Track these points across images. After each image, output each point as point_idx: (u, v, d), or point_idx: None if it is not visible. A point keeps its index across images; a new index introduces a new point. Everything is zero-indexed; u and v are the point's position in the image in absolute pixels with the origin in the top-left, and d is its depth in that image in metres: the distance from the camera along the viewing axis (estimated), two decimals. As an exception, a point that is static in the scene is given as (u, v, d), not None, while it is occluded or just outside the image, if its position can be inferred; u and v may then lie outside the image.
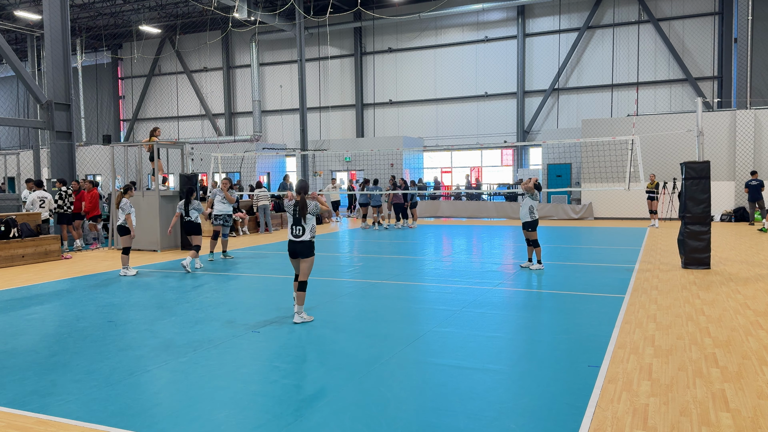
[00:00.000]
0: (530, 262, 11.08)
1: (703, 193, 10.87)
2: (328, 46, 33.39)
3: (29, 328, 7.22)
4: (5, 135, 40.55)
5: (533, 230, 10.90)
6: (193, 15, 33.57)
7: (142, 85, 38.88)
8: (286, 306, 8.16)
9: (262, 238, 17.82)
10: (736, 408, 4.43)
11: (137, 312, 7.97)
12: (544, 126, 29.55)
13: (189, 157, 15.43)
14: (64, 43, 16.46)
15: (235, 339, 6.50)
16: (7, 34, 32.42)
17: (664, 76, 27.39)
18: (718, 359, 5.56)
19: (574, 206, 23.02)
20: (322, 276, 10.69)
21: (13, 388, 5.11)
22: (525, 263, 11.19)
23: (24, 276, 11.26)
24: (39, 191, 14.89)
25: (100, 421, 4.35)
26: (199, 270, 11.47)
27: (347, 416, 4.37)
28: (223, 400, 4.75)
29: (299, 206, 7.06)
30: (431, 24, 31.13)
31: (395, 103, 32.52)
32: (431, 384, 5.05)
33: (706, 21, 26.61)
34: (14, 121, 21.15)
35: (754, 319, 7.06)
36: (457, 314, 7.54)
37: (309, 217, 7.12)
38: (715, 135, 20.90)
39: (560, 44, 28.90)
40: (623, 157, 19.49)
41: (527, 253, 11.19)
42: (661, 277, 10.00)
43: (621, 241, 15.44)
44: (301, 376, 5.27)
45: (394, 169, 28.27)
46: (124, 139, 39.26)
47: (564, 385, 4.96)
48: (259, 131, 33.42)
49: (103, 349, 6.19)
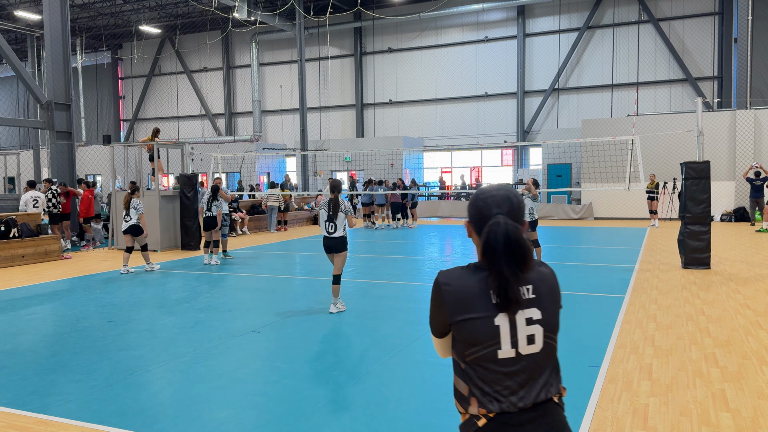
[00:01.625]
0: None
1: (703, 193, 10.86)
2: (328, 46, 33.39)
3: (29, 328, 7.22)
4: (5, 135, 40.55)
5: (533, 230, 10.92)
6: (193, 15, 33.57)
7: (142, 85, 38.88)
8: (286, 306, 8.17)
9: (262, 237, 17.83)
10: (736, 408, 4.43)
11: (137, 312, 7.97)
12: (544, 126, 29.54)
13: (189, 157, 15.43)
14: (64, 43, 16.46)
15: (235, 339, 6.49)
16: (7, 34, 32.42)
17: (664, 76, 27.39)
18: (718, 359, 5.55)
19: (574, 206, 23.02)
20: (321, 276, 10.69)
21: (13, 388, 5.11)
22: None
23: (24, 276, 11.26)
24: (32, 191, 14.89)
25: (100, 421, 4.35)
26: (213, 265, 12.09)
27: (347, 416, 4.37)
28: (223, 400, 4.75)
29: (332, 204, 7.43)
30: (431, 24, 31.13)
31: (395, 103, 32.52)
32: (431, 384, 5.04)
33: (706, 21, 26.61)
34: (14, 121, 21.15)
35: (754, 319, 7.06)
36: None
37: (341, 215, 7.47)
38: (715, 135, 20.90)
39: (560, 44, 28.90)
40: (623, 157, 19.49)
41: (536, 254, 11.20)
42: (661, 277, 10.00)
43: (621, 241, 15.44)
44: (301, 376, 5.27)
45: (394, 169, 28.27)
46: (124, 139, 39.26)
47: (564, 385, 4.95)
48: (259, 131, 33.42)
49: (103, 349, 6.19)
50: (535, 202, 10.95)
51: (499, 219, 1.87)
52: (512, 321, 1.86)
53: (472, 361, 1.88)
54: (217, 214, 12.21)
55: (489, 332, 1.85)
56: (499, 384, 1.85)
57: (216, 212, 12.21)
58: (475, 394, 1.87)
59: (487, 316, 1.85)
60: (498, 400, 1.84)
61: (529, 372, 1.87)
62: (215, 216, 12.23)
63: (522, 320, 1.86)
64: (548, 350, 1.91)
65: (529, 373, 1.87)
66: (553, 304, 1.91)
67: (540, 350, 1.89)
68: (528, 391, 1.86)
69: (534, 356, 1.88)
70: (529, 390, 1.86)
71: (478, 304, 1.85)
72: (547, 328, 1.90)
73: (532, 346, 1.87)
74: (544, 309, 1.89)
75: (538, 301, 1.89)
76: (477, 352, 1.86)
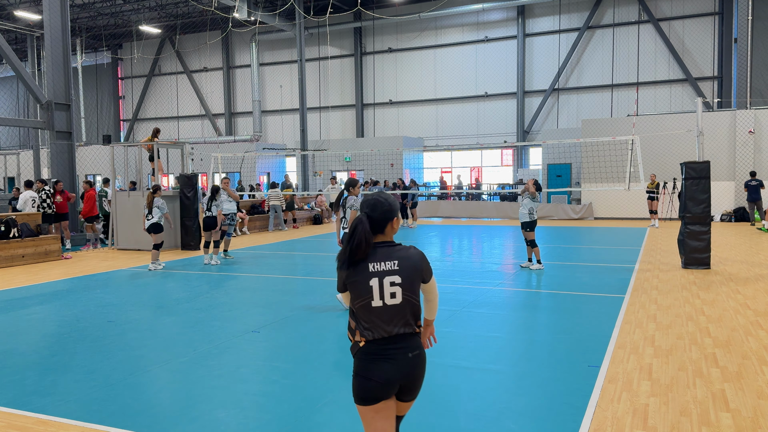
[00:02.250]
0: (530, 262, 11.09)
1: (703, 193, 10.86)
2: (328, 46, 33.39)
3: (29, 328, 7.23)
4: (5, 135, 40.54)
5: (531, 230, 10.92)
6: (193, 15, 33.57)
7: (142, 85, 38.88)
8: (286, 306, 8.17)
9: (262, 237, 17.83)
10: (736, 408, 4.43)
11: (137, 312, 7.97)
12: (544, 126, 29.55)
13: (189, 157, 15.43)
14: (64, 43, 16.46)
15: (235, 339, 6.49)
16: (7, 34, 32.42)
17: (664, 76, 27.39)
18: (718, 359, 5.55)
19: (574, 206, 23.02)
20: (321, 276, 10.69)
21: (13, 388, 5.11)
22: (525, 263, 11.20)
23: (24, 276, 11.26)
24: (28, 191, 14.88)
25: (100, 421, 4.35)
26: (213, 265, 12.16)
27: (347, 416, 4.37)
28: (223, 399, 4.75)
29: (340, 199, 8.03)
30: (431, 24, 31.13)
31: (395, 103, 32.52)
32: (431, 384, 5.04)
33: (706, 21, 26.61)
34: (14, 121, 21.15)
35: (754, 319, 7.06)
36: (457, 314, 7.54)
37: (348, 211, 7.91)
38: (715, 135, 20.89)
39: (560, 44, 28.90)
40: (623, 157, 19.48)
41: (527, 253, 11.20)
42: (661, 277, 10.00)
43: (621, 241, 15.43)
44: (301, 376, 5.27)
45: (394, 169, 28.27)
46: (124, 139, 39.26)
47: (564, 385, 4.96)
48: (259, 131, 33.41)
49: (103, 349, 6.19)
50: (534, 202, 10.94)
51: (362, 218, 2.84)
52: (381, 283, 2.80)
53: (357, 307, 2.84)
54: (217, 214, 12.26)
55: (365, 290, 2.80)
56: (373, 322, 2.81)
57: (216, 212, 12.26)
58: (359, 328, 2.85)
59: (364, 279, 2.80)
60: (372, 331, 2.81)
61: (391, 315, 2.82)
62: (215, 216, 12.28)
63: (387, 283, 2.80)
64: (406, 303, 2.84)
65: (392, 316, 2.82)
66: (413, 273, 2.85)
67: (400, 303, 2.82)
68: (392, 328, 2.81)
69: (396, 306, 2.82)
70: (393, 327, 2.81)
71: (360, 272, 2.80)
72: (406, 289, 2.83)
73: (394, 300, 2.81)
74: (404, 277, 2.82)
75: (400, 271, 2.82)
76: (360, 303, 2.82)
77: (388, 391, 2.81)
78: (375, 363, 2.79)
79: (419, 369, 2.88)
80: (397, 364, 2.79)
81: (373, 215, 2.84)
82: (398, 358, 2.79)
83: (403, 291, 2.82)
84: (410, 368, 2.83)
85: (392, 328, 2.81)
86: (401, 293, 2.81)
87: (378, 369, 2.78)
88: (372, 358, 2.80)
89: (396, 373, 2.79)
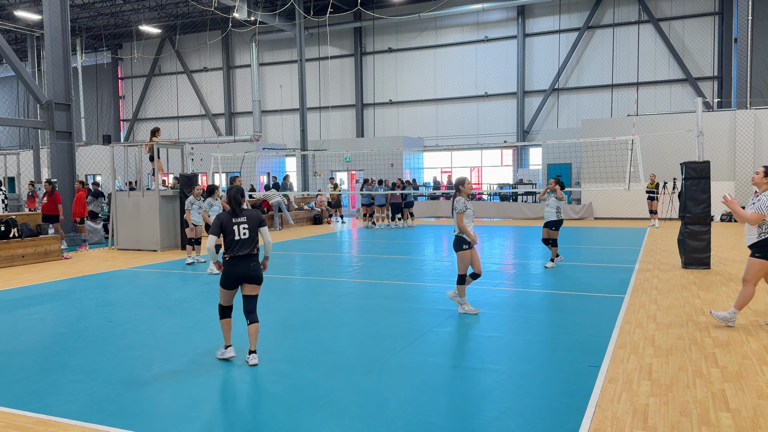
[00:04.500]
0: (552, 262, 11.14)
1: (703, 193, 10.87)
2: (328, 46, 33.39)
3: (29, 328, 7.23)
4: (5, 135, 40.54)
5: (557, 229, 11.04)
6: (193, 15, 33.57)
7: (142, 85, 38.86)
8: (286, 306, 8.16)
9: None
10: (736, 408, 4.44)
11: (137, 312, 7.97)
12: (544, 126, 29.54)
13: (189, 157, 15.43)
14: (64, 43, 16.46)
15: (235, 339, 6.49)
16: (7, 34, 32.42)
17: (664, 76, 27.39)
18: (718, 359, 5.56)
19: (574, 206, 23.02)
20: (321, 276, 10.70)
21: (13, 388, 5.11)
22: (549, 263, 11.17)
23: (24, 276, 11.26)
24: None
25: (100, 421, 4.35)
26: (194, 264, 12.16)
27: (347, 416, 4.37)
28: (223, 399, 4.74)
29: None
30: (431, 24, 31.13)
31: (395, 103, 32.52)
32: (431, 384, 5.05)
33: (706, 21, 26.60)
34: (14, 121, 21.15)
35: (754, 319, 7.06)
36: (457, 314, 7.54)
37: (454, 214, 8.11)
38: (715, 135, 20.89)
39: (560, 44, 28.89)
40: (623, 157, 19.48)
41: (551, 253, 11.21)
42: (661, 277, 10.00)
43: (621, 241, 15.44)
44: (301, 376, 5.27)
45: (394, 169, 28.27)
46: (124, 139, 39.25)
47: (564, 385, 4.96)
48: (259, 131, 33.41)
49: (103, 349, 6.19)
50: (560, 201, 11.12)
51: (232, 191, 5.67)
52: (238, 227, 5.53)
53: (226, 241, 5.53)
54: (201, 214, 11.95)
55: (231, 230, 5.52)
56: (234, 247, 5.53)
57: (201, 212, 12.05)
58: (227, 250, 5.55)
59: (230, 225, 5.51)
60: (233, 250, 5.53)
61: (243, 244, 5.55)
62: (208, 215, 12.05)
63: (241, 228, 5.53)
64: (251, 238, 5.57)
65: (243, 244, 5.54)
66: (253, 222, 5.60)
67: (247, 237, 5.55)
68: (243, 250, 5.54)
69: (245, 239, 5.55)
70: (244, 249, 5.54)
71: (229, 222, 5.53)
72: (250, 230, 5.58)
73: (244, 236, 5.54)
74: (249, 224, 5.58)
75: (246, 222, 5.57)
76: (227, 237, 5.53)
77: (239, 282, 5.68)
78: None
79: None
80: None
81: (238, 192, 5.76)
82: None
83: (249, 231, 5.56)
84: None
85: (244, 250, 5.53)
86: (248, 232, 5.56)
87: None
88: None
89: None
